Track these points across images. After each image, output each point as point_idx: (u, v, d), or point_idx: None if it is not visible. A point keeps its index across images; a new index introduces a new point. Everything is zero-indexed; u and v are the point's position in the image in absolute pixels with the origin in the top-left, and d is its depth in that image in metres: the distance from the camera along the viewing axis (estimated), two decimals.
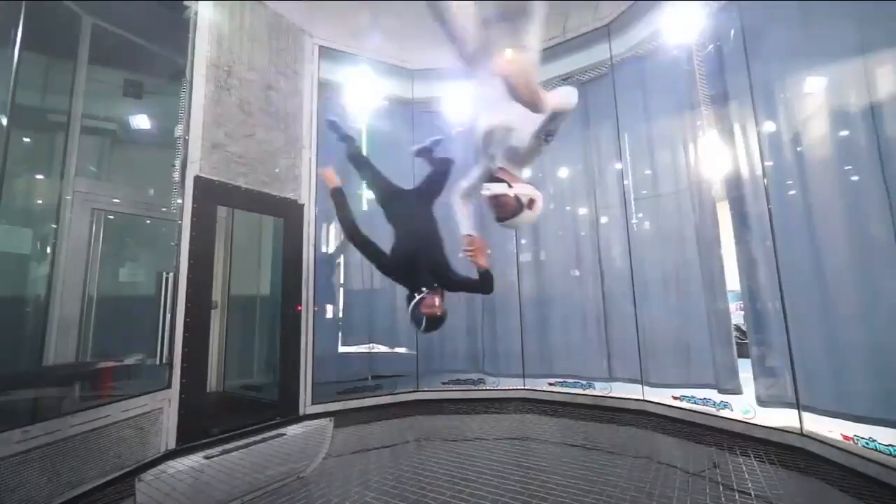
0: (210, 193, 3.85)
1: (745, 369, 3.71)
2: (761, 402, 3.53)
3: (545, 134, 1.82)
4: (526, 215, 2.00)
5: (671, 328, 4.22)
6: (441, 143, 3.50)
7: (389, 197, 2.84)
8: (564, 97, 1.71)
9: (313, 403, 4.55)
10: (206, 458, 2.83)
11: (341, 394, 4.81)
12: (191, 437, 3.49)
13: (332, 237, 5.40)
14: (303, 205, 4.77)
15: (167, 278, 3.53)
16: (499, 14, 1.94)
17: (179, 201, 3.65)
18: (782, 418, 3.36)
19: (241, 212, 5.08)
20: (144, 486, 2.39)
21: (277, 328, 4.54)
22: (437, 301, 2.28)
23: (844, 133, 3.02)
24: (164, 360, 3.44)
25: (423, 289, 2.28)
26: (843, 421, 2.94)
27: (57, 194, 3.60)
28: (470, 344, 5.43)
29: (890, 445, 2.65)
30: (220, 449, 3.15)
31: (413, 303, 2.29)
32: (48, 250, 3.49)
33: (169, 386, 3.44)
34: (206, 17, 3.98)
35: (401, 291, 5.34)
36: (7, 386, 2.96)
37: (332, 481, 3.06)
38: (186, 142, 3.73)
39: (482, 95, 2.14)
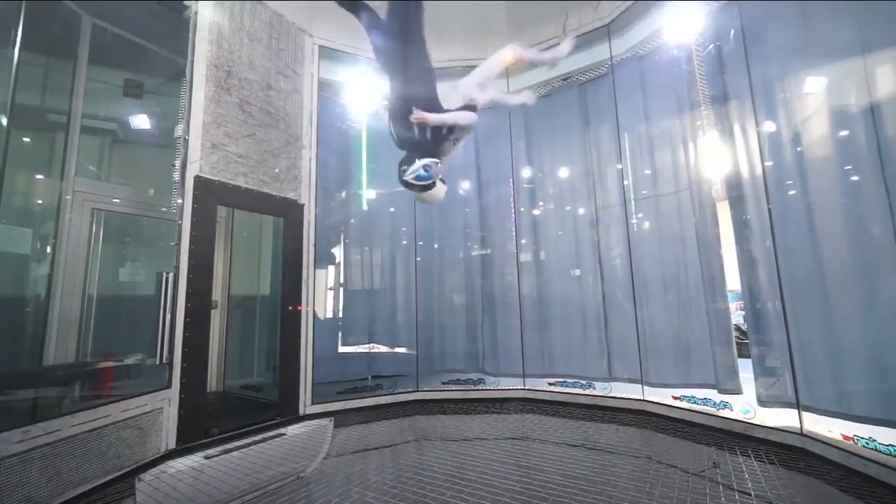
0: (210, 193, 3.85)
1: (745, 369, 3.71)
2: (761, 401, 3.53)
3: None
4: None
5: (671, 328, 4.22)
6: None
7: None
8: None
9: (313, 403, 4.55)
10: (206, 458, 2.84)
11: (341, 394, 4.81)
12: (191, 437, 3.49)
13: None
14: (303, 204, 4.77)
15: (167, 278, 3.53)
16: None
17: (179, 201, 3.65)
18: (782, 418, 3.36)
19: (241, 212, 5.09)
20: (144, 486, 2.39)
21: (277, 328, 4.54)
22: None
23: (844, 133, 3.02)
24: (164, 360, 3.43)
25: None
26: (843, 421, 2.94)
27: (57, 194, 3.60)
28: (470, 344, 5.43)
29: (890, 445, 2.65)
30: (220, 449, 3.16)
31: None
32: (48, 250, 3.49)
33: (169, 386, 3.44)
34: (206, 17, 3.98)
35: (400, 292, 5.47)
36: (7, 386, 2.96)
37: (332, 481, 3.06)
38: (186, 142, 3.73)
39: None
